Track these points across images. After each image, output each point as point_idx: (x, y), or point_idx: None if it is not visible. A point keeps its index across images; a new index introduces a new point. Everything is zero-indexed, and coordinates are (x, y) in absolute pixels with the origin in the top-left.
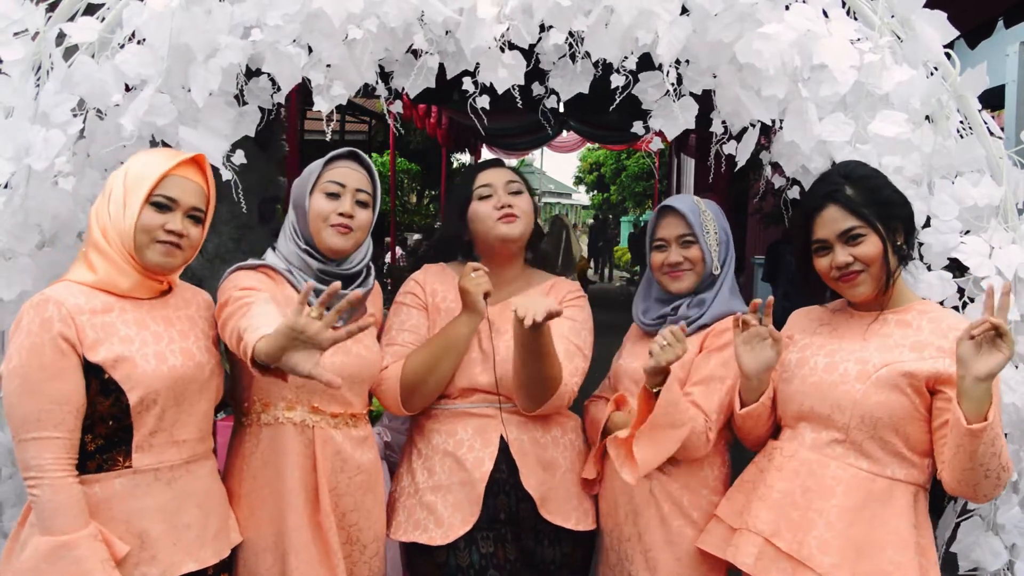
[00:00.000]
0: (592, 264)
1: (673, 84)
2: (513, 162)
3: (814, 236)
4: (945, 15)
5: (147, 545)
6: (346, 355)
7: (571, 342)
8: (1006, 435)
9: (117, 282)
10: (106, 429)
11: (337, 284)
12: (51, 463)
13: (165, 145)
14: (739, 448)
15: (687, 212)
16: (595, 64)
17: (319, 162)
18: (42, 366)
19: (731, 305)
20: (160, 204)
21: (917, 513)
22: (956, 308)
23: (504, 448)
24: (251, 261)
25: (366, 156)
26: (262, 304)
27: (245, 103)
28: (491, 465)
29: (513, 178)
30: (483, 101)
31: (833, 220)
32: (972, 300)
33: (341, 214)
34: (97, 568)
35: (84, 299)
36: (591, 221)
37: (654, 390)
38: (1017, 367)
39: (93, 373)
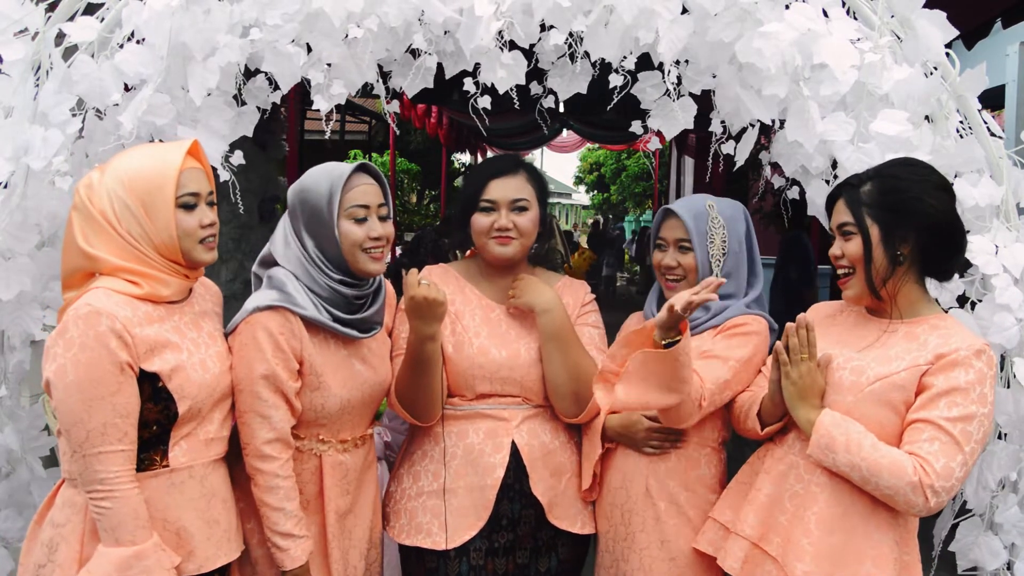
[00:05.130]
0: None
1: (673, 84)
2: None
3: (829, 223)
4: (944, 15)
5: (184, 542)
6: (361, 386)
7: (602, 351)
8: (1005, 435)
9: (160, 292)
10: (148, 433)
11: None
12: (119, 476)
13: None
14: (737, 447)
15: (686, 218)
16: (594, 64)
17: (335, 183)
18: (101, 381)
19: (744, 310)
20: (187, 204)
21: (903, 528)
22: (959, 307)
23: (515, 453)
24: (271, 299)
25: (373, 165)
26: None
27: (243, 103)
28: (502, 472)
29: (520, 195)
30: (484, 101)
31: (837, 212)
32: (980, 300)
33: (375, 238)
34: None
35: (130, 310)
36: (590, 221)
37: (663, 342)
38: None
39: (147, 380)
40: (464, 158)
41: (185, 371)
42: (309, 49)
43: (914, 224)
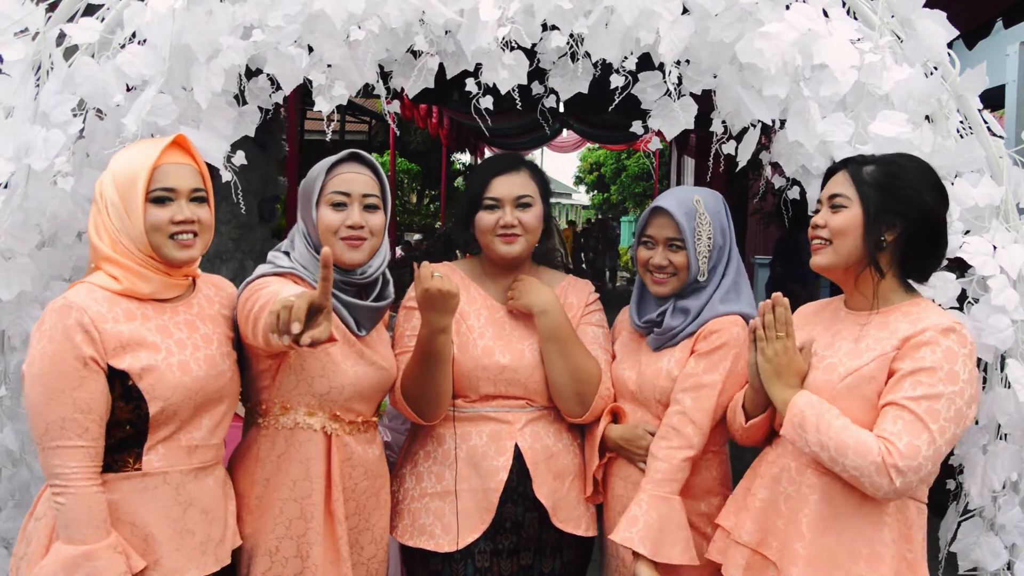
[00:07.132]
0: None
1: (674, 84)
2: None
3: (819, 194)
4: (945, 15)
5: (151, 548)
6: (368, 366)
7: (606, 351)
8: (1006, 436)
9: (140, 288)
10: (121, 433)
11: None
12: (75, 472)
13: None
14: (737, 449)
15: (679, 217)
16: (595, 64)
17: (320, 168)
18: (64, 374)
19: (720, 310)
20: (160, 199)
21: (902, 524)
22: (960, 308)
23: (518, 456)
24: (275, 267)
25: (368, 155)
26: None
27: (245, 103)
28: (505, 475)
29: (524, 192)
30: (486, 102)
31: (835, 183)
32: (976, 301)
33: (350, 226)
34: None
35: (107, 306)
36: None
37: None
38: None
39: (117, 378)
40: (464, 158)
41: (159, 371)
42: (310, 50)
43: (903, 213)
